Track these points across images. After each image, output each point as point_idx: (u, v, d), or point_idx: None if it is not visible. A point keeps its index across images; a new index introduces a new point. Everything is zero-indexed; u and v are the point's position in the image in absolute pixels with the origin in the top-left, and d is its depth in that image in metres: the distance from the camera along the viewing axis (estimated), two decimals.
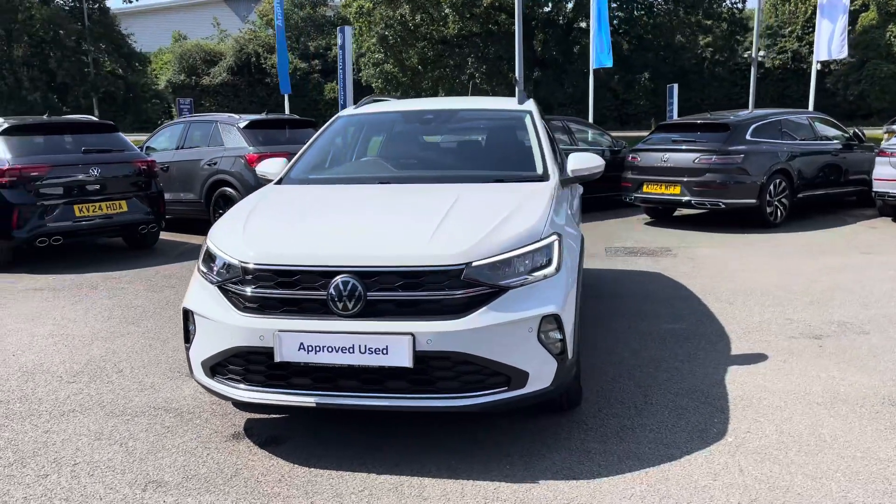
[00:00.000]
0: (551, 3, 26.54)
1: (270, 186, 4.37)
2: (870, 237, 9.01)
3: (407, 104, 5.30)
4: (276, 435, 3.58)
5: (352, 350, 3.05)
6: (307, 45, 41.85)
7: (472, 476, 3.13)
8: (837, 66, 29.07)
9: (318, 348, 3.07)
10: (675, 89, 19.51)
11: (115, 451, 3.45)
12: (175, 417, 3.84)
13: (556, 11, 26.82)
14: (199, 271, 3.53)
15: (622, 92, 28.82)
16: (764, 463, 3.21)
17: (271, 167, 4.61)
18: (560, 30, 26.75)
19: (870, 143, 11.56)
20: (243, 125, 9.86)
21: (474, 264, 3.12)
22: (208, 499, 3.01)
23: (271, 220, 3.66)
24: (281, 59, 17.91)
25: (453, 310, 3.09)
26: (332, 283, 3.10)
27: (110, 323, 5.74)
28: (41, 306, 6.32)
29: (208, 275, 3.44)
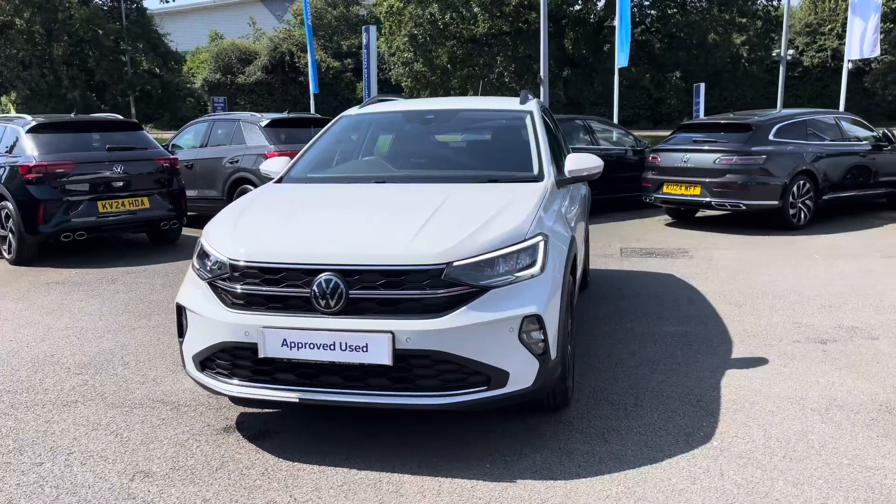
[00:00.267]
0: (581, 2, 26.34)
1: (269, 185, 4.44)
2: (894, 241, 8.80)
3: (410, 104, 5.34)
4: (265, 429, 3.65)
5: (333, 347, 3.10)
6: (340, 44, 42.15)
7: (452, 474, 3.16)
8: (878, 64, 28.33)
9: (300, 345, 3.13)
10: (702, 88, 19.20)
11: (109, 442, 3.56)
12: (171, 410, 3.94)
13: (587, 10, 26.59)
14: (192, 268, 3.62)
15: (654, 91, 28.42)
16: (746, 468, 3.18)
17: (274, 166, 4.69)
18: (591, 28, 26.52)
19: None
20: (264, 124, 10.00)
21: (455, 264, 3.15)
22: (192, 490, 3.08)
23: (261, 219, 3.73)
24: (311, 59, 18.05)
25: (434, 309, 3.12)
26: (316, 281, 3.16)
27: (124, 317, 5.89)
28: (60, 299, 6.50)
29: (200, 271, 3.52)
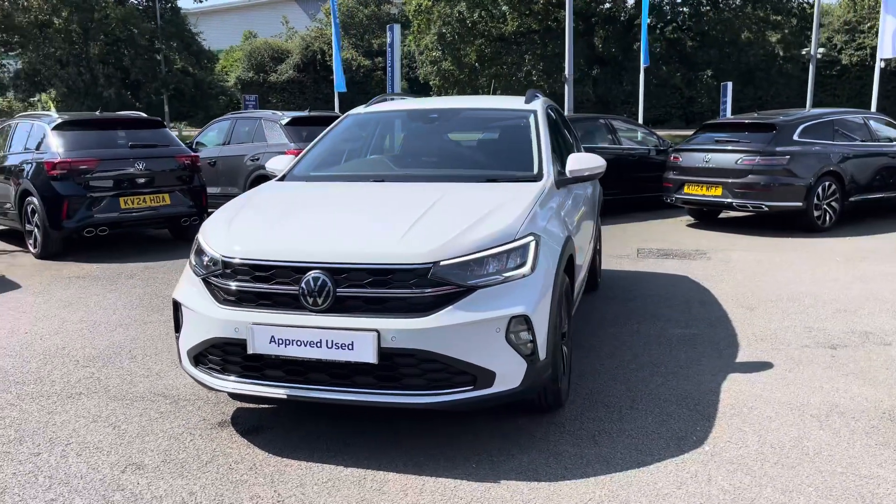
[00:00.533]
0: (611, 0, 26.13)
1: (270, 183, 4.49)
2: None
3: (415, 103, 5.34)
4: (259, 425, 3.69)
5: (319, 344, 3.12)
6: (370, 42, 42.35)
7: (437, 473, 3.17)
8: None
9: (287, 342, 3.16)
10: (730, 87, 18.91)
11: (106, 434, 3.63)
12: (171, 404, 4.00)
13: (617, 8, 26.34)
14: (189, 264, 3.67)
15: (685, 90, 28.03)
16: (735, 474, 3.13)
17: (278, 164, 4.74)
18: (620, 26, 26.26)
19: None
20: (285, 122, 10.10)
21: (442, 263, 3.15)
22: (180, 483, 3.13)
23: (256, 217, 3.76)
24: (336, 59, 18.16)
25: (421, 308, 3.13)
26: (304, 279, 3.19)
27: (137, 311, 5.99)
28: (78, 293, 6.64)
29: (196, 267, 3.57)
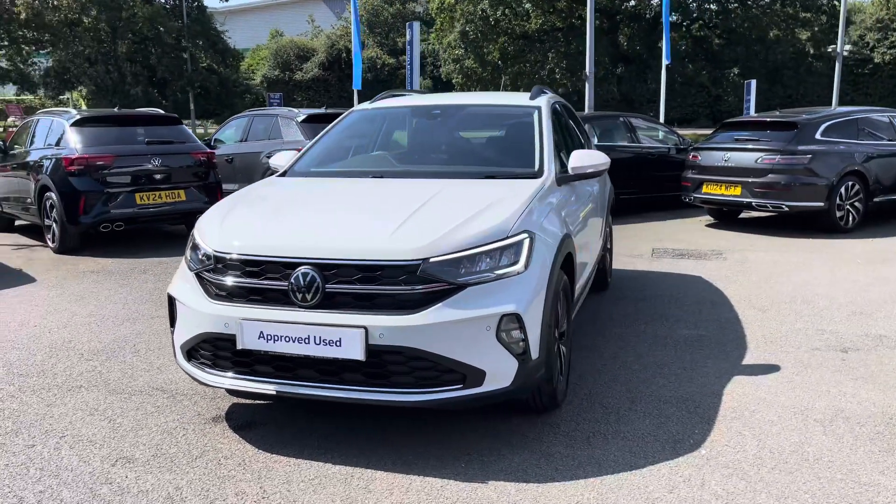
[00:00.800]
0: None
1: (269, 179, 4.48)
2: None
3: (420, 99, 5.30)
4: (252, 420, 3.68)
5: (307, 341, 3.10)
6: (395, 40, 42.42)
7: (425, 472, 3.13)
8: None
9: (276, 337, 3.14)
10: (753, 85, 18.59)
11: (101, 427, 3.64)
12: (168, 398, 4.01)
13: (642, 5, 26.08)
14: (184, 259, 3.67)
15: (711, 88, 27.69)
16: (730, 479, 3.05)
17: (281, 160, 4.73)
18: (646, 24, 26.02)
19: None
20: (301, 119, 10.13)
21: (432, 260, 3.11)
22: (167, 477, 3.13)
23: (250, 212, 3.75)
24: (355, 56, 18.18)
25: (410, 305, 3.09)
26: (293, 275, 3.16)
27: (146, 306, 6.04)
28: (91, 287, 6.71)
29: (190, 262, 3.57)
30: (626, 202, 11.16)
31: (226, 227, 3.54)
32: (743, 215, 10.70)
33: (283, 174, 4.54)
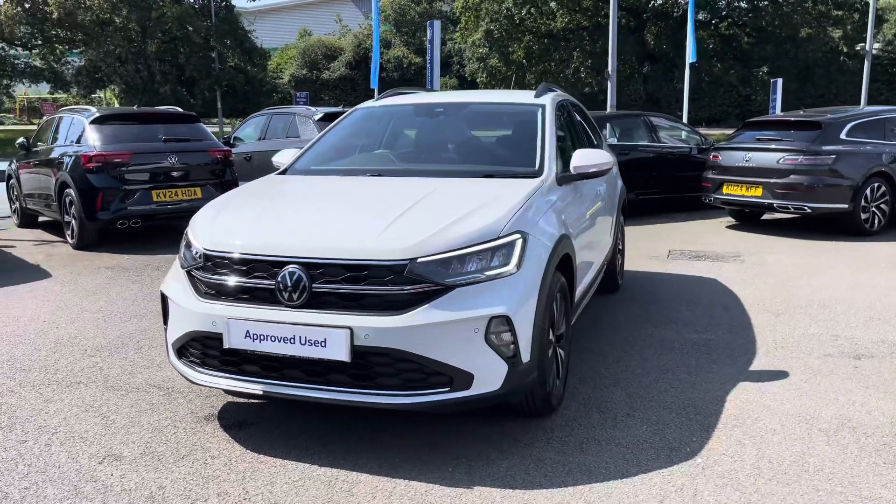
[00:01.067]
0: None
1: (267, 177, 4.46)
2: None
3: (425, 97, 5.24)
4: (244, 420, 3.66)
5: (292, 341, 3.06)
6: (422, 39, 42.40)
7: (410, 476, 3.07)
8: None
9: (262, 337, 3.11)
10: (779, 84, 18.22)
11: (94, 424, 3.64)
12: (164, 395, 4.01)
13: (670, 3, 25.74)
14: (178, 256, 3.66)
15: (740, 87, 27.26)
16: (724, 489, 2.95)
17: (283, 157, 4.70)
18: (674, 22, 25.66)
19: None
20: (318, 117, 10.14)
21: (419, 260, 3.05)
22: (152, 476, 3.11)
23: (241, 210, 3.73)
24: (374, 56, 18.14)
25: (396, 306, 3.04)
26: (280, 273, 3.13)
27: (155, 302, 6.05)
28: (104, 283, 6.77)
29: (182, 260, 3.56)
30: (646, 203, 11.02)
31: (216, 225, 3.52)
32: (765, 217, 10.48)
33: (284, 172, 4.52)
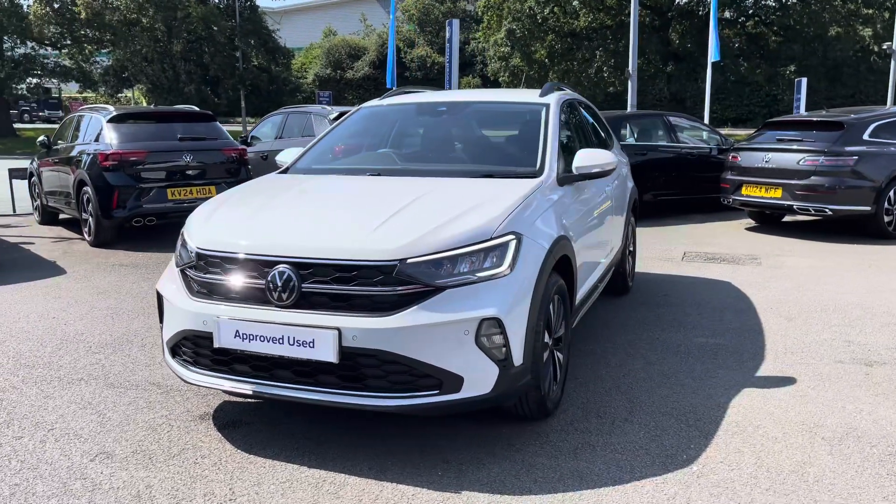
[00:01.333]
0: None
1: (267, 176, 4.45)
2: None
3: (429, 96, 5.20)
4: (238, 419, 3.65)
5: (281, 341, 3.04)
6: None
7: (399, 479, 3.04)
8: None
9: (251, 337, 3.09)
10: (804, 83, 17.86)
11: (90, 421, 3.66)
12: (162, 394, 4.01)
13: (696, 2, 25.41)
14: (175, 255, 3.66)
15: (766, 86, 26.84)
16: (718, 498, 2.87)
17: (287, 156, 4.69)
18: (699, 21, 25.33)
19: None
20: (333, 116, 10.16)
21: (409, 261, 3.01)
22: (141, 474, 3.11)
23: (236, 209, 3.72)
24: (389, 56, 18.15)
25: (385, 307, 3.00)
26: (270, 273, 3.11)
27: None
28: (116, 281, 6.82)
29: (177, 259, 3.56)
30: (663, 204, 10.89)
31: (210, 224, 3.51)
32: (786, 219, 10.29)
33: (286, 171, 4.50)
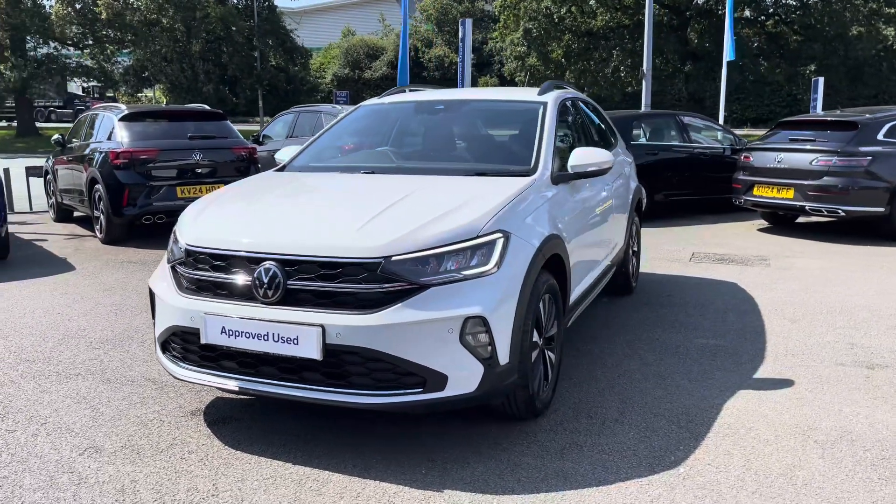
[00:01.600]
0: None
1: (263, 174, 4.47)
2: None
3: (427, 94, 5.19)
4: (229, 415, 3.66)
5: (266, 338, 3.05)
6: None
7: (383, 477, 3.03)
8: None
9: (237, 333, 3.10)
10: (821, 83, 17.61)
11: (83, 415, 3.69)
12: (156, 389, 4.04)
13: (714, 1, 25.18)
14: (167, 251, 3.69)
15: (786, 86, 26.52)
16: (703, 501, 2.83)
17: (285, 154, 4.71)
18: (718, 20, 25.09)
19: None
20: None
21: (394, 259, 3.01)
22: (127, 469, 3.13)
23: (226, 207, 3.73)
24: (402, 55, 18.10)
25: (369, 305, 3.00)
26: (257, 270, 3.12)
27: None
28: (123, 278, 6.88)
29: (168, 255, 3.58)
30: (675, 204, 10.79)
31: (200, 221, 3.53)
32: (800, 220, 10.16)
33: (282, 169, 4.52)
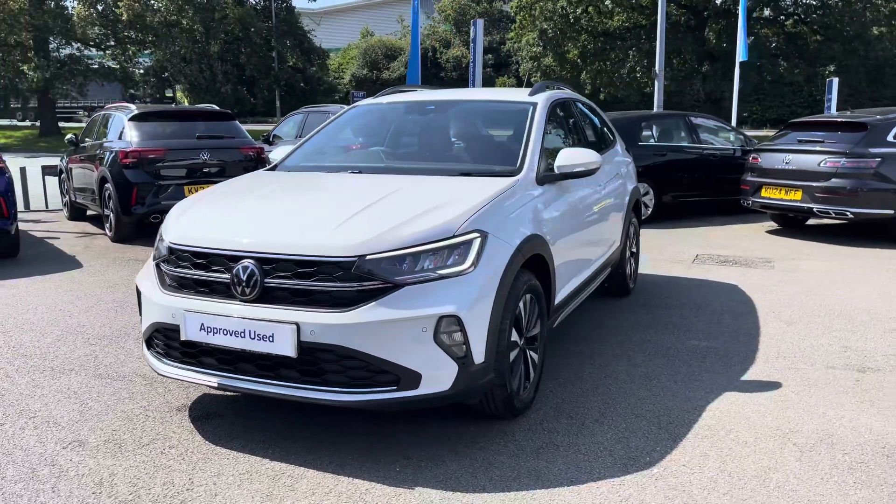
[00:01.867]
0: None
1: (252, 173, 4.52)
2: None
3: (419, 94, 5.21)
4: (213, 411, 3.71)
5: (243, 335, 3.09)
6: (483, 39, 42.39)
7: (356, 474, 3.06)
8: None
9: (215, 330, 3.14)
10: (835, 83, 17.39)
11: (71, 410, 3.76)
12: (146, 385, 4.10)
13: (732, 1, 24.95)
14: (154, 249, 3.74)
15: (806, 87, 26.22)
16: (672, 501, 2.83)
17: (278, 154, 4.76)
18: (736, 20, 24.84)
19: None
20: None
21: (369, 257, 3.03)
22: (108, 462, 3.18)
23: (210, 205, 3.78)
24: (413, 53, 18.15)
25: (344, 303, 3.03)
26: (235, 268, 3.16)
27: None
28: (128, 275, 6.98)
29: (154, 252, 3.63)
30: (683, 205, 10.74)
31: (183, 219, 3.58)
32: (811, 222, 10.05)
33: (273, 168, 4.56)
